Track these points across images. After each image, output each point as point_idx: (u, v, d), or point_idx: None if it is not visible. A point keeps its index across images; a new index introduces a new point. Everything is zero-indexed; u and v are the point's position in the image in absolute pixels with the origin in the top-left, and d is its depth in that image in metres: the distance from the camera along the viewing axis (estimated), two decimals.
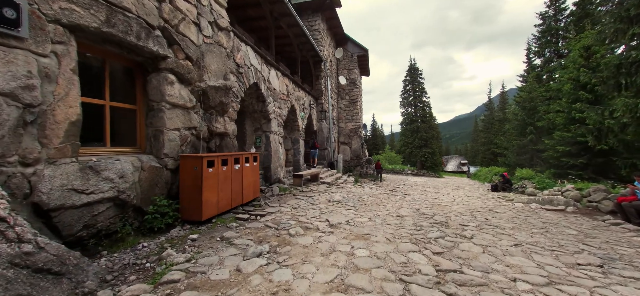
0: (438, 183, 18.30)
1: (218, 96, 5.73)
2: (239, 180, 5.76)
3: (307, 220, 5.09)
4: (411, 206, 7.63)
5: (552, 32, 25.75)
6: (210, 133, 5.78)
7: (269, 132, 9.04)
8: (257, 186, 6.69)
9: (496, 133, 44.32)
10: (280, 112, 9.86)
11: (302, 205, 6.63)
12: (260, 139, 9.06)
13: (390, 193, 10.55)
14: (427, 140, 34.78)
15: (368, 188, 11.53)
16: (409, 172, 29.69)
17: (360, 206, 7.15)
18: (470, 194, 12.07)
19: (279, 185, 8.83)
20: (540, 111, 19.92)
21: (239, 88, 6.86)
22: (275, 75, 9.53)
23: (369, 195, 9.45)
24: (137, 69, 4.63)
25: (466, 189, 14.91)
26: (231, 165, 5.45)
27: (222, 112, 6.01)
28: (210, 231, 4.41)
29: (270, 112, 8.96)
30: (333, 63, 18.80)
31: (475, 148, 67.61)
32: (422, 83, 37.11)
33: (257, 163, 6.66)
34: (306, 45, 12.95)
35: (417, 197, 9.63)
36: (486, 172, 26.12)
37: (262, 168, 8.96)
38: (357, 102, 19.92)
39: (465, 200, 9.63)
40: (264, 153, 9.01)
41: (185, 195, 4.67)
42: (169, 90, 4.62)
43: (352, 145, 19.74)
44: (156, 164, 4.44)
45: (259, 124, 9.08)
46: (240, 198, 5.80)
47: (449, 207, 7.86)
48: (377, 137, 58.13)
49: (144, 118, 4.67)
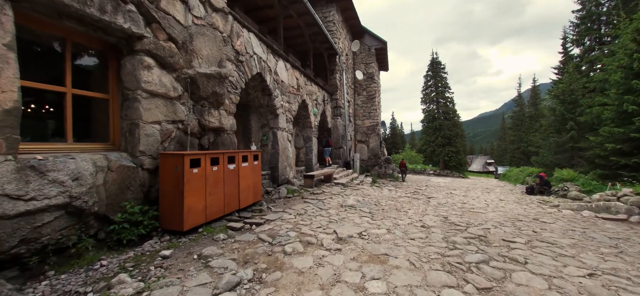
0: (464, 185, 16.78)
1: (210, 85, 4.97)
2: (235, 182, 4.98)
3: (311, 231, 4.20)
4: (437, 212, 6.53)
5: (593, 18, 23.18)
6: (202, 128, 5.03)
7: (277, 128, 8.24)
8: (259, 188, 5.89)
9: (527, 131, 41.20)
10: (289, 107, 9.04)
11: (309, 211, 5.75)
12: (266, 136, 8.29)
13: (412, 196, 9.43)
14: (451, 138, 32.73)
15: (387, 190, 10.46)
16: (431, 172, 28.03)
17: (377, 212, 6.16)
18: (503, 198, 10.66)
19: (287, 187, 8.01)
20: (582, 105, 17.77)
21: (238, 78, 6.10)
22: (284, 66, 8.73)
23: (387, 198, 8.41)
24: (110, 52, 3.95)
25: (497, 192, 13.39)
26: (224, 165, 4.67)
27: (216, 104, 5.25)
28: (191, 245, 3.63)
29: (278, 106, 8.16)
30: (349, 57, 17.78)
31: (503, 146, 63.75)
32: (445, 78, 35.03)
33: (258, 162, 5.86)
34: (319, 36, 12.06)
35: (443, 201, 8.46)
36: (517, 172, 24.03)
37: (269, 168, 8.19)
38: (375, 97, 18.77)
39: (500, 205, 8.33)
40: (271, 151, 8.22)
41: (165, 200, 3.93)
42: (145, 75, 3.90)
43: (370, 143, 18.62)
44: (129, 163, 3.73)
45: (265, 120, 8.31)
46: (236, 202, 5.01)
47: (484, 214, 6.66)
48: (396, 135, 56.22)
49: (118, 109, 3.98)
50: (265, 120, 8.32)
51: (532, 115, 41.62)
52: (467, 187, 15.73)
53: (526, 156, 40.79)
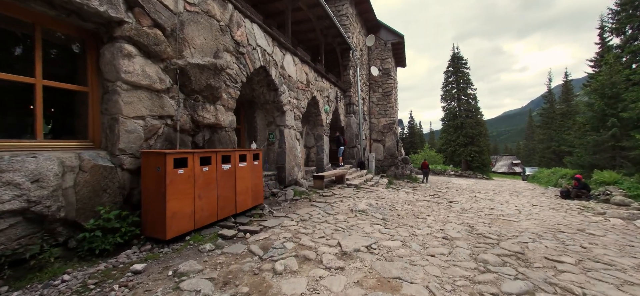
0: (489, 187, 15.57)
1: (204, 77, 4.53)
2: (230, 184, 4.50)
3: (312, 243, 3.63)
4: (461, 220, 5.75)
5: (636, 4, 21.01)
6: (196, 125, 4.60)
7: (284, 126, 7.74)
8: (260, 190, 5.40)
9: (558, 129, 38.42)
10: (298, 104, 8.52)
11: (314, 216, 5.19)
12: (273, 134, 7.81)
13: (431, 199, 8.62)
14: (474, 137, 30.95)
15: (403, 193, 9.68)
16: (451, 172, 26.63)
17: (391, 219, 5.49)
18: (536, 203, 9.57)
19: (295, 188, 7.49)
20: (625, 99, 15.96)
21: (239, 71, 5.63)
22: (292, 60, 8.21)
23: (404, 202, 7.67)
24: (90, 41, 3.57)
25: (528, 196, 12.20)
26: (217, 165, 4.20)
27: (211, 98, 4.80)
28: (171, 256, 3.17)
29: (285, 102, 7.65)
30: (364, 52, 17.05)
31: (531, 146, 60.24)
32: (467, 74, 33.20)
33: (258, 162, 5.36)
34: (331, 30, 11.46)
35: (467, 207, 7.60)
36: (549, 174, 22.23)
37: (276, 168, 7.70)
38: (391, 94, 17.89)
39: (534, 212, 7.37)
40: (278, 150, 7.73)
41: (147, 204, 3.51)
42: (125, 65, 3.48)
43: (386, 142, 17.78)
44: (106, 163, 3.32)
45: (271, 117, 7.83)
46: (232, 206, 4.53)
47: (516, 222, 5.80)
48: (415, 134, 54.46)
49: (98, 103, 3.60)
50: (272, 118, 7.84)
51: (564, 112, 38.78)
52: (492, 189, 14.56)
53: (557, 156, 38.04)
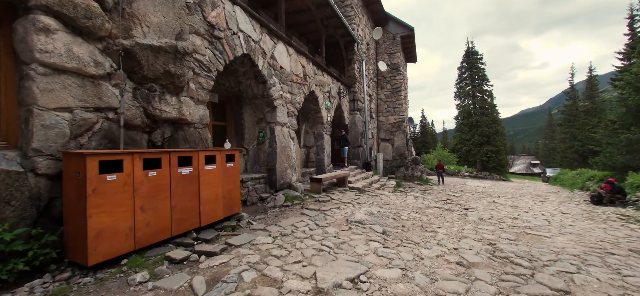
0: (508, 190, 14.27)
1: (160, 62, 3.74)
2: (192, 191, 3.69)
3: (280, 272, 2.75)
4: (480, 234, 4.74)
5: None
6: (152, 120, 3.82)
7: (275, 123, 6.90)
8: (235, 197, 4.57)
9: (581, 127, 36.07)
10: (292, 99, 7.67)
11: (299, 229, 4.32)
12: (263, 133, 6.99)
13: (443, 206, 7.58)
14: (490, 136, 29.23)
15: (412, 197, 8.67)
16: (466, 173, 25.18)
17: (393, 232, 4.55)
18: (566, 210, 8.36)
19: (287, 193, 6.65)
20: None
21: (213, 58, 4.83)
22: (285, 51, 7.38)
23: (411, 209, 6.69)
24: (5, 13, 2.84)
25: (553, 200, 10.92)
26: (170, 169, 3.39)
27: (173, 88, 4.01)
28: (88, 292, 2.37)
29: (275, 97, 6.82)
30: (371, 46, 16.05)
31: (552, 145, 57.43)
32: (483, 70, 31.45)
33: (234, 164, 4.53)
34: (332, 20, 10.55)
35: (485, 215, 6.54)
36: (573, 175, 20.56)
37: (266, 170, 6.88)
38: (400, 91, 16.80)
39: (566, 223, 6.24)
40: (268, 150, 6.90)
41: (68, 219, 2.74)
42: (41, 42, 2.72)
43: (395, 142, 16.71)
44: (10, 167, 2.57)
45: (261, 113, 7.01)
46: (194, 218, 3.73)
47: (548, 238, 4.74)
48: (426, 134, 52.74)
49: (13, 92, 2.86)
50: (262, 114, 7.02)
51: (588, 109, 36.37)
52: (511, 192, 13.28)
53: (581, 156, 35.70)
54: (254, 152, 7.11)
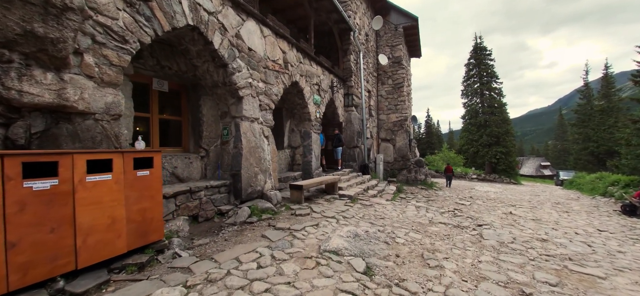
0: (523, 196, 12.74)
1: (14, 18, 2.43)
2: (59, 216, 2.38)
3: None
4: (504, 272, 3.35)
5: None
6: (6, 106, 2.52)
7: (240, 117, 5.58)
8: (154, 218, 3.25)
9: (597, 128, 34.09)
10: (267, 89, 6.34)
11: (239, 269, 2.98)
12: (227, 129, 5.66)
13: (451, 220, 6.17)
14: (499, 137, 27.49)
15: (413, 208, 7.26)
16: (474, 176, 23.61)
17: (381, 269, 3.19)
18: (601, 225, 6.88)
19: (255, 205, 5.32)
20: None
21: (134, 25, 3.52)
22: (257, 30, 6.05)
23: (410, 226, 5.30)
24: None
25: (578, 210, 9.41)
26: (1, 184, 2.09)
27: (48, 61, 2.70)
28: None
29: (241, 85, 5.49)
30: (371, 38, 14.66)
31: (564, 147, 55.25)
32: (492, 66, 29.69)
33: (153, 172, 3.21)
34: (323, 2, 9.21)
35: (505, 236, 5.11)
36: (593, 179, 18.89)
37: (230, 176, 5.56)
38: (402, 87, 15.36)
39: (612, 248, 4.79)
40: (232, 151, 5.58)
41: None
42: None
43: (397, 142, 15.28)
44: None
45: (225, 106, 5.69)
46: (65, 257, 2.41)
47: (604, 280, 3.32)
48: (432, 134, 51.03)
49: None
50: (225, 106, 5.70)
51: (604, 108, 34.35)
52: (528, 199, 11.77)
53: (596, 158, 33.74)
54: (216, 153, 5.80)
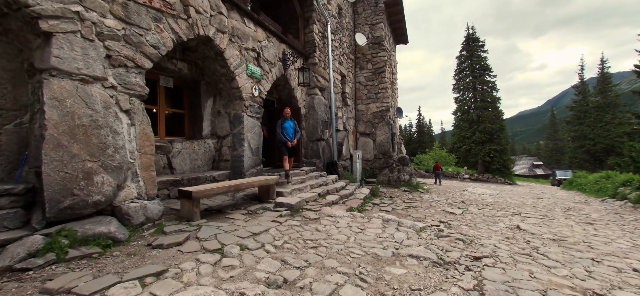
0: (523, 199, 10.52)
1: None
2: None
3: None
4: None
5: None
6: None
7: (48, 71, 3.11)
8: None
9: (593, 125, 32.54)
10: (130, 33, 3.91)
11: None
12: (33, 96, 3.21)
13: (430, 249, 3.82)
14: (493, 134, 25.54)
15: (376, 225, 4.88)
16: (466, 176, 21.51)
17: None
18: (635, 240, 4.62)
19: (71, 231, 2.86)
20: None
21: None
22: None
23: (354, 266, 2.92)
24: None
25: (602, 220, 7.21)
26: None
27: None
28: None
29: (50, 12, 3.05)
30: (346, 14, 12.35)
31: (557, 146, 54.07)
32: (485, 59, 27.78)
33: None
34: None
35: (516, 274, 2.77)
36: (597, 179, 16.95)
37: (35, 176, 3.08)
38: (384, 72, 13.07)
39: None
40: (37, 133, 3.11)
41: None
42: None
43: (377, 136, 12.97)
44: None
45: (28, 51, 3.23)
46: None
47: None
48: (423, 133, 49.28)
49: None
50: (30, 53, 3.23)
51: (600, 105, 32.85)
52: (531, 203, 9.56)
53: (593, 157, 32.17)
54: (17, 138, 3.32)
